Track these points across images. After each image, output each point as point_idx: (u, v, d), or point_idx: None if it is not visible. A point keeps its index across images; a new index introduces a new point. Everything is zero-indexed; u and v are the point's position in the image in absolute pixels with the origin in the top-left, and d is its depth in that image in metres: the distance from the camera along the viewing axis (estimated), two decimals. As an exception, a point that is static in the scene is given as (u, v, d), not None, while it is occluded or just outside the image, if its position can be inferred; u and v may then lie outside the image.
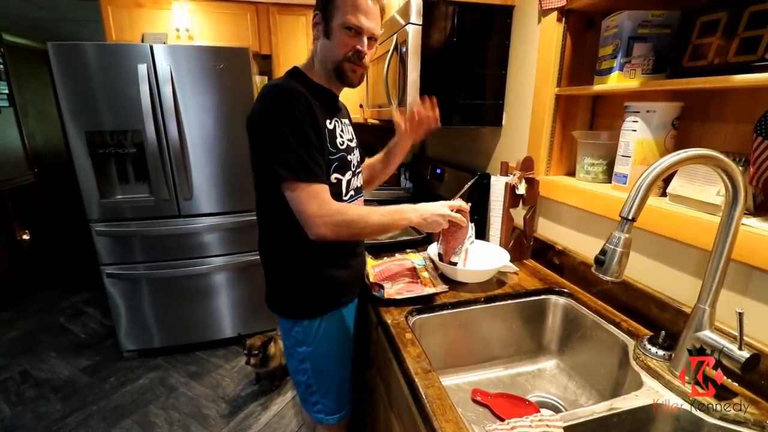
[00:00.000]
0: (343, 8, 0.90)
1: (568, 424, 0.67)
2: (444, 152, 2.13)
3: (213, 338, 2.45)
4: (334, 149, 0.98)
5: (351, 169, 1.05)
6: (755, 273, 0.74)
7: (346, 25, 0.91)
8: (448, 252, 1.16)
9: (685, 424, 0.71)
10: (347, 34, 0.93)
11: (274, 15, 2.61)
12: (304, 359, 1.09)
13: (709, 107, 0.89)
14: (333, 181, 0.99)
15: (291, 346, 1.10)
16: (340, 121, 1.04)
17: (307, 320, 1.06)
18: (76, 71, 1.92)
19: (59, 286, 3.34)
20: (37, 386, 2.16)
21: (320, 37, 0.96)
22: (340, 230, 0.91)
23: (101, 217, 2.12)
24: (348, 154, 1.04)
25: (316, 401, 1.14)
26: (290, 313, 1.07)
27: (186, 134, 2.10)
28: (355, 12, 0.91)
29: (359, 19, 0.91)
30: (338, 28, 0.92)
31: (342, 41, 0.93)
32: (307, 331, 1.06)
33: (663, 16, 0.94)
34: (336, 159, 0.99)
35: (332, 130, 0.99)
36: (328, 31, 0.94)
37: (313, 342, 1.07)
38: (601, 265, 0.67)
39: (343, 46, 0.93)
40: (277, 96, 0.90)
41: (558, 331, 1.12)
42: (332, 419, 1.17)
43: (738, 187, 0.65)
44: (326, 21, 0.94)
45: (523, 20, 1.33)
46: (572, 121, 1.23)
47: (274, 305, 1.09)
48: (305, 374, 1.11)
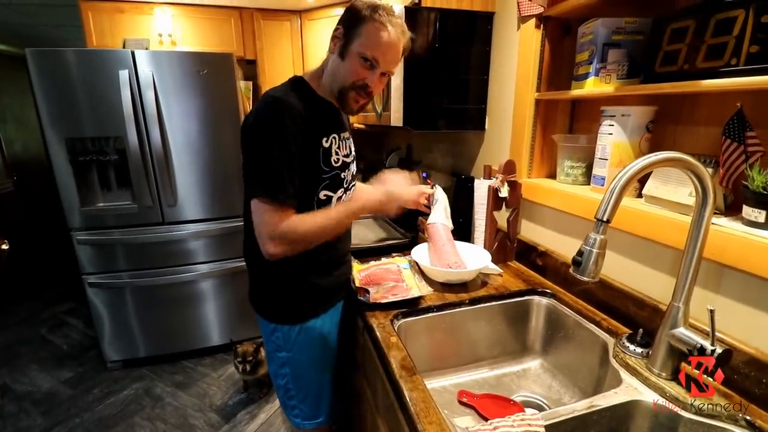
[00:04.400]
0: (366, 38, 0.89)
1: (550, 422, 0.68)
2: (429, 156, 2.15)
3: (199, 347, 2.42)
4: (327, 168, 0.98)
5: (344, 186, 1.05)
6: (726, 271, 0.76)
7: (363, 55, 0.90)
8: (441, 260, 1.19)
9: (663, 419, 0.73)
10: (361, 64, 0.91)
11: (259, 20, 2.61)
12: (283, 364, 1.10)
13: (681, 111, 0.92)
14: (322, 198, 0.99)
15: (271, 350, 1.11)
16: (338, 137, 1.02)
17: (287, 326, 1.06)
18: (56, 77, 1.89)
19: (40, 297, 3.26)
20: (17, 400, 2.10)
21: (335, 53, 0.95)
22: (295, 246, 0.92)
23: (83, 226, 2.08)
24: (342, 171, 1.03)
25: (294, 405, 1.15)
26: (272, 317, 1.07)
27: (169, 140, 2.08)
28: (376, 46, 0.90)
29: (376, 54, 0.90)
30: (354, 55, 0.91)
31: (354, 68, 0.92)
32: (287, 337, 1.07)
33: (636, 23, 0.97)
34: (328, 177, 0.98)
35: (327, 148, 0.97)
36: (345, 52, 0.92)
37: (292, 348, 1.07)
38: (578, 266, 0.69)
39: (354, 74, 0.92)
40: (271, 110, 0.88)
41: (541, 331, 1.14)
42: (309, 424, 1.17)
43: (707, 188, 0.68)
44: (346, 41, 0.92)
45: (503, 27, 1.36)
46: (552, 124, 1.25)
47: (257, 306, 1.10)
48: (284, 378, 1.12)
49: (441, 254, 1.21)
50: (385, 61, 0.92)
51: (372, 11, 0.89)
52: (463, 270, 1.17)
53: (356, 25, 0.90)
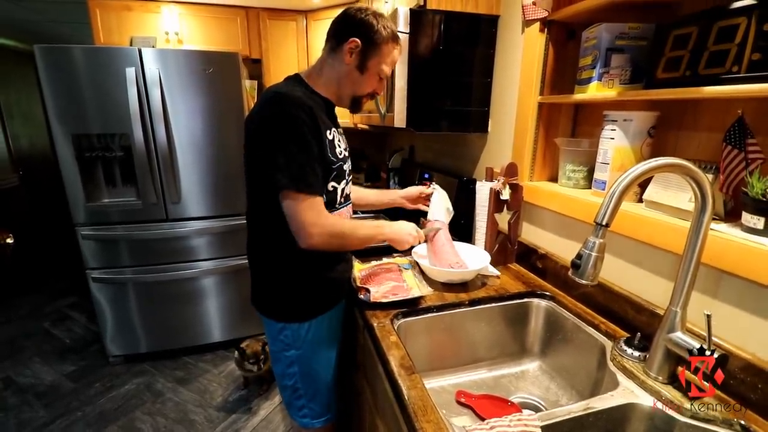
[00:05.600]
0: (384, 57, 1.02)
1: (546, 423, 0.69)
2: (432, 158, 2.16)
3: (201, 343, 2.44)
4: (334, 158, 1.01)
5: (345, 177, 1.08)
6: (724, 277, 0.77)
7: (381, 73, 1.03)
8: (442, 261, 1.20)
9: (659, 422, 0.73)
10: (378, 80, 1.05)
11: (265, 20, 2.62)
12: (292, 363, 1.10)
13: (683, 117, 0.93)
14: (329, 189, 1.01)
15: (278, 350, 1.10)
16: (337, 131, 1.07)
17: (296, 323, 1.07)
18: (63, 74, 1.91)
19: (44, 291, 3.29)
20: (20, 392, 2.12)
21: (351, 65, 1.01)
22: (332, 241, 0.97)
23: (87, 221, 2.10)
24: (344, 163, 1.07)
25: (302, 405, 1.15)
26: (279, 316, 1.07)
27: (174, 138, 2.10)
28: (391, 64, 1.04)
29: (389, 70, 1.05)
30: (374, 71, 1.02)
31: (372, 83, 1.05)
32: (297, 335, 1.07)
33: (639, 29, 0.97)
34: (335, 168, 1.01)
35: (332, 140, 1.01)
36: (363, 67, 1.01)
37: (302, 345, 1.08)
38: (577, 269, 0.70)
39: (371, 87, 1.06)
40: (282, 103, 0.90)
41: (540, 334, 1.15)
42: (318, 422, 1.17)
43: (706, 194, 0.68)
44: (364, 56, 1.00)
45: (507, 30, 1.36)
46: (555, 128, 1.26)
47: (262, 307, 1.10)
48: (292, 378, 1.12)
49: (441, 255, 1.22)
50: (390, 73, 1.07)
51: (389, 32, 1.00)
52: (465, 270, 1.18)
53: (375, 44, 0.99)
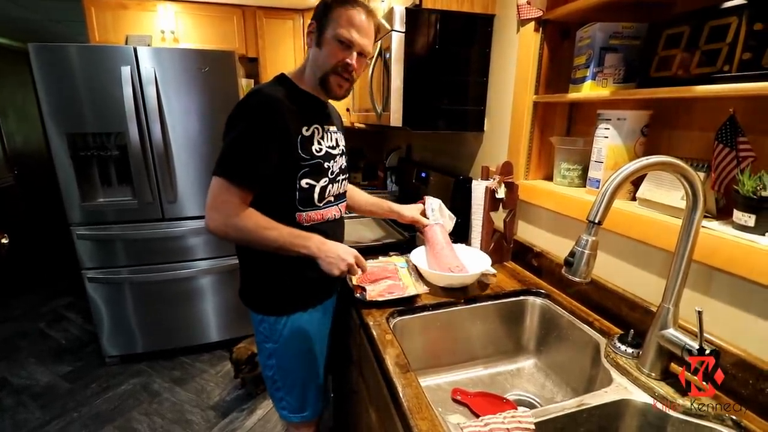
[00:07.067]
0: (338, 21, 0.95)
1: (540, 420, 0.69)
2: (429, 156, 2.17)
3: (197, 343, 2.43)
4: (307, 155, 1.00)
5: (328, 176, 1.06)
6: (716, 273, 0.77)
7: (338, 37, 0.95)
8: (441, 264, 1.20)
9: (652, 418, 0.74)
10: (338, 47, 0.96)
11: (261, 18, 2.62)
12: (270, 355, 1.12)
13: (676, 116, 0.94)
14: (303, 186, 1.01)
15: (260, 341, 1.13)
16: (322, 128, 1.05)
17: (273, 317, 1.08)
18: (58, 73, 1.90)
19: (39, 291, 3.27)
20: (15, 393, 2.11)
21: (312, 46, 1.01)
22: (228, 231, 0.94)
23: (83, 221, 2.09)
24: (326, 161, 1.04)
25: (281, 397, 1.17)
26: (258, 308, 1.09)
27: (170, 137, 2.09)
28: (348, 26, 0.95)
29: (351, 34, 0.95)
30: (330, 40, 0.96)
31: (332, 52, 0.97)
32: (273, 328, 1.09)
33: (632, 29, 0.98)
34: (307, 165, 1.00)
35: (308, 136, 1.00)
36: (321, 41, 0.97)
37: (278, 339, 1.09)
38: (570, 267, 0.70)
39: (333, 57, 0.97)
40: (248, 98, 0.95)
41: (536, 331, 1.15)
42: (295, 417, 1.18)
43: (697, 192, 0.69)
44: (320, 31, 0.97)
45: (503, 29, 1.37)
46: (550, 127, 1.27)
47: (245, 298, 1.12)
48: (271, 370, 1.14)
49: (440, 258, 1.22)
50: (360, 40, 0.96)
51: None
52: (465, 274, 1.17)
53: (326, 14, 0.96)
